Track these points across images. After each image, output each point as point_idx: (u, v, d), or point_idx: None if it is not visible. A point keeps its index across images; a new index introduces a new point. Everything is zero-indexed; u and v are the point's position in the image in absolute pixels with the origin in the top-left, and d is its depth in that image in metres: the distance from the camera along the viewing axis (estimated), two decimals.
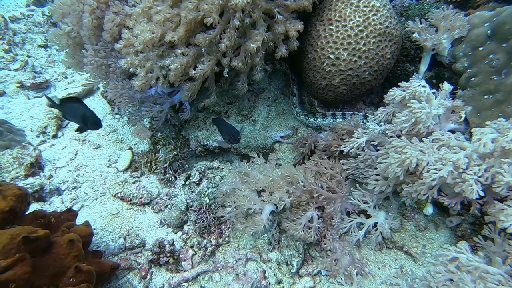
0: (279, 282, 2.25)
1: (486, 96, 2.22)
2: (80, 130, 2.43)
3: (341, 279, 2.10)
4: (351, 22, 2.29)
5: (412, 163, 1.90)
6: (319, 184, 2.24)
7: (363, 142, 2.26)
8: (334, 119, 2.68)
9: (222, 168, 3.04)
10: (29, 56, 5.18)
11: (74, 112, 2.33)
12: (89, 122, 2.29)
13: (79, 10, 2.70)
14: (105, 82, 3.08)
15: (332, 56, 2.33)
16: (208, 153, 3.18)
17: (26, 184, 2.91)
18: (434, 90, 2.17)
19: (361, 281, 2.18)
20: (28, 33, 5.38)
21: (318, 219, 2.22)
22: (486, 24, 2.34)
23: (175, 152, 3.00)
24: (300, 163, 2.87)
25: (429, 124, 2.03)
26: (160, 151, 3.11)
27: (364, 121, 2.61)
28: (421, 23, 2.50)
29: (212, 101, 2.72)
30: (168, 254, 2.38)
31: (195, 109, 3.20)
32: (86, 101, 4.14)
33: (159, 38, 2.33)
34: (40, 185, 2.95)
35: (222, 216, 2.40)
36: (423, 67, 2.63)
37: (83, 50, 2.94)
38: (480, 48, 2.33)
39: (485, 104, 2.20)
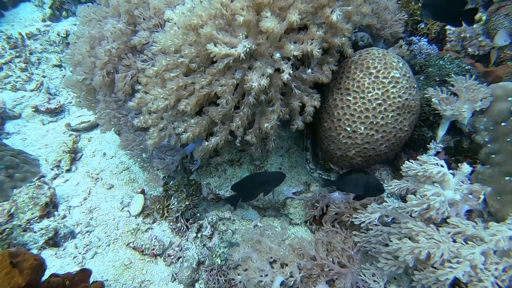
0: None
1: (507, 178, 2.17)
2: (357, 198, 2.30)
3: None
4: (370, 95, 2.24)
5: (422, 254, 1.88)
6: (330, 259, 2.23)
7: (376, 218, 2.24)
8: None
9: (234, 220, 3.05)
10: (44, 76, 5.23)
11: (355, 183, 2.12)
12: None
13: (91, 62, 2.70)
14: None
15: (348, 129, 2.29)
16: (220, 199, 3.19)
17: (42, 229, 2.97)
18: (451, 171, 2.13)
19: None
20: (44, 52, 5.42)
21: None
22: (510, 99, 2.27)
23: (187, 203, 3.02)
24: (311, 222, 2.86)
25: (444, 210, 2.00)
26: (172, 198, 3.13)
27: None
28: (441, 91, 2.44)
29: (224, 160, 2.72)
30: None
31: (215, 152, 3.20)
32: (98, 131, 4.17)
33: (172, 105, 2.32)
34: (55, 229, 3.00)
35: (233, 279, 2.42)
36: (441, 132, 2.58)
37: (97, 97, 2.96)
38: (503, 124, 2.26)
39: (505, 188, 2.15)
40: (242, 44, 1.89)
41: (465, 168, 2.13)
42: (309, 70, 2.22)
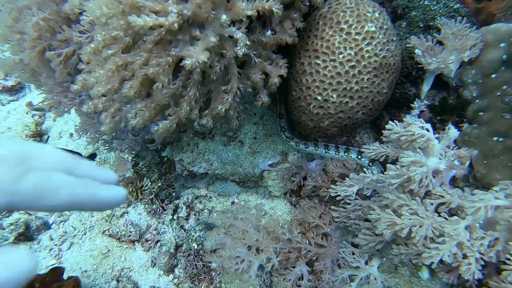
0: None
1: (495, 139, 1.95)
2: None
3: None
4: (341, 56, 1.94)
5: (403, 231, 1.74)
6: (306, 241, 2.11)
7: (353, 192, 2.07)
8: (327, 150, 2.44)
9: (211, 197, 2.90)
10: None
11: None
12: None
13: (18, 39, 2.33)
14: None
15: (319, 97, 2.02)
16: (195, 176, 3.02)
17: (11, 224, 2.83)
18: (436, 135, 1.92)
19: None
20: None
21: (309, 275, 2.13)
22: (502, 45, 1.97)
23: (159, 184, 2.84)
24: (291, 193, 2.72)
25: (428, 182, 1.82)
26: (145, 179, 2.95)
27: (359, 157, 2.37)
28: (426, 40, 2.12)
29: (189, 139, 2.48)
30: None
31: (178, 129, 2.95)
32: None
33: (116, 89, 2.02)
34: (25, 223, 2.87)
35: (210, 262, 2.33)
36: (425, 88, 2.31)
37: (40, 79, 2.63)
38: (493, 76, 1.99)
39: (493, 150, 1.94)
40: (172, 9, 1.54)
41: (452, 132, 1.91)
42: (269, 32, 1.88)
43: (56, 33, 2.29)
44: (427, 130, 1.87)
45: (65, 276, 2.40)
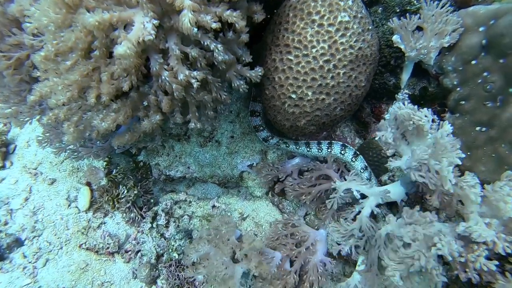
0: None
1: (478, 128, 1.88)
2: None
3: None
4: (314, 51, 1.81)
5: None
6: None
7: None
8: (308, 149, 2.34)
9: (190, 202, 2.79)
10: None
11: None
12: None
13: None
14: None
15: (294, 96, 1.90)
16: (173, 180, 2.89)
17: None
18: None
19: None
20: None
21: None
22: (481, 29, 1.87)
23: (135, 192, 2.71)
24: (273, 193, 2.63)
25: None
26: (121, 186, 2.81)
27: (343, 152, 2.28)
28: (407, 21, 2.01)
29: (157, 144, 2.35)
30: None
31: (151, 134, 2.80)
32: None
33: (77, 97, 1.86)
34: None
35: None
36: (405, 76, 2.21)
37: None
38: (473, 62, 1.90)
39: (476, 140, 1.87)
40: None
41: (447, 128, 1.76)
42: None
43: (5, 37, 2.09)
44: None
45: None
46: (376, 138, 2.32)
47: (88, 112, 2.05)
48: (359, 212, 1.97)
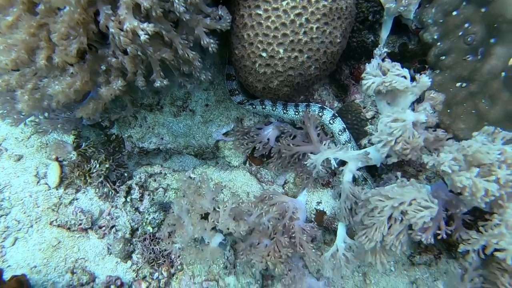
0: None
1: (458, 84, 1.79)
2: None
3: None
4: (284, 3, 1.67)
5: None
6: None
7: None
8: (285, 111, 2.23)
9: (165, 174, 2.68)
10: None
11: None
12: None
13: None
14: None
15: (264, 54, 1.77)
16: (148, 152, 2.77)
17: None
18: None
19: None
20: None
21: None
22: None
23: (107, 166, 2.58)
24: (250, 162, 2.54)
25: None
26: (92, 161, 2.67)
27: (320, 114, 2.18)
28: None
29: (129, 114, 2.21)
30: None
31: (121, 104, 2.65)
32: None
33: (26, 59, 1.70)
34: None
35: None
36: (384, 33, 2.10)
37: None
38: (454, 13, 1.79)
39: (456, 97, 1.79)
40: None
41: (424, 81, 1.65)
42: None
43: None
44: (405, 77, 1.66)
45: (7, 276, 2.18)
46: (356, 101, 2.24)
47: (44, 79, 1.89)
48: None
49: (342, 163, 1.91)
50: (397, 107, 1.68)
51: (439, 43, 1.86)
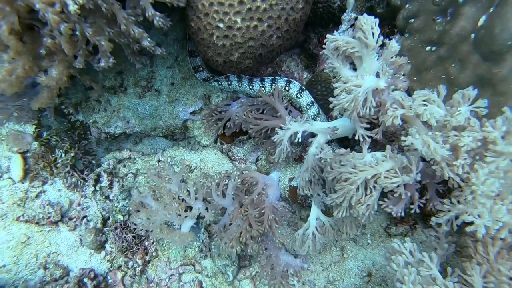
0: None
1: (428, 48, 1.71)
2: None
3: None
4: None
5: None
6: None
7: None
8: (251, 86, 2.12)
9: (135, 159, 2.57)
10: None
11: None
12: None
13: None
14: None
15: (221, 25, 1.64)
16: (116, 138, 2.64)
17: None
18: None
19: None
20: None
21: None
22: None
23: (72, 154, 2.45)
24: (221, 141, 2.44)
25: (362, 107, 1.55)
26: (57, 150, 2.54)
27: (287, 88, 2.07)
28: None
29: (96, 95, 2.08)
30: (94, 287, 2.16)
31: (82, 87, 2.49)
32: None
33: None
34: None
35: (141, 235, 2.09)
36: None
37: None
38: None
39: (426, 62, 1.71)
40: None
41: (394, 45, 1.55)
42: None
43: None
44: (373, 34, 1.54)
45: None
46: (326, 70, 2.14)
47: None
48: None
49: (313, 135, 1.84)
50: (359, 72, 1.58)
51: (407, 5, 1.75)
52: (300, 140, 1.76)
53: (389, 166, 1.48)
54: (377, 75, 1.59)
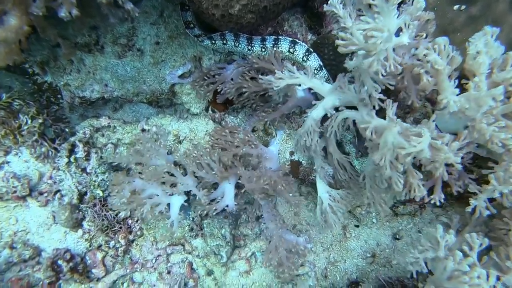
0: (209, 273, 1.96)
1: (456, 7, 1.51)
2: None
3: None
4: None
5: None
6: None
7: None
8: (250, 46, 1.87)
9: (115, 127, 2.29)
10: None
11: None
12: None
13: None
14: None
15: None
16: (92, 103, 2.34)
17: None
18: None
19: None
20: None
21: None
22: None
23: (40, 121, 2.15)
24: (212, 108, 2.20)
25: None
26: (21, 115, 2.22)
27: (292, 50, 1.84)
28: None
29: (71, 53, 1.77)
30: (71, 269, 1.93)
31: (49, 44, 2.15)
32: None
33: None
34: None
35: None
36: None
37: None
38: None
39: (454, 22, 1.52)
40: None
41: (420, 0, 1.34)
42: None
43: None
44: None
45: None
46: (333, 32, 1.91)
47: None
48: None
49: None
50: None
51: None
52: (301, 95, 1.56)
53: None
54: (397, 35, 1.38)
